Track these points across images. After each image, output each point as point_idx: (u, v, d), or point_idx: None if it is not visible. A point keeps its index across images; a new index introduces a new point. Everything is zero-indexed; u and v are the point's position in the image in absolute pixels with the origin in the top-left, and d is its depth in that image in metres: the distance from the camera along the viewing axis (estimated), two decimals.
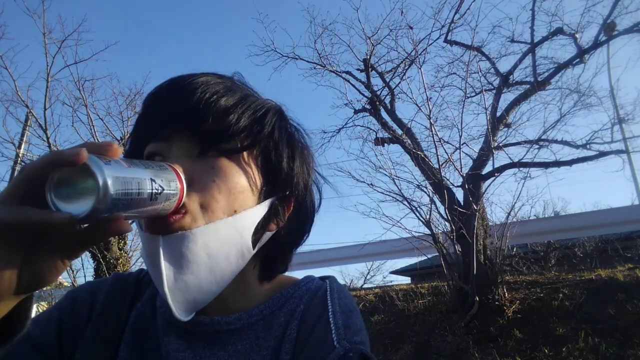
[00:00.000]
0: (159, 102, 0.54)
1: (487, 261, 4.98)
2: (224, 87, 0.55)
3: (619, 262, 6.08)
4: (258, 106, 0.56)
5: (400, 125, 6.40)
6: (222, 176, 0.51)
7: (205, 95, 0.51)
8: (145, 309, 0.60)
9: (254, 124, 0.54)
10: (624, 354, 3.71)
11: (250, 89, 0.60)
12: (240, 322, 0.55)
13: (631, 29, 5.33)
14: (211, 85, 0.53)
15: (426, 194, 5.65)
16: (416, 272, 11.29)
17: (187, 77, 0.54)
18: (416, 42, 6.34)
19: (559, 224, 6.49)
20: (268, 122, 0.56)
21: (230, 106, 0.53)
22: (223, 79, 0.57)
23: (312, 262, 7.90)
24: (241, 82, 0.60)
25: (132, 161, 0.40)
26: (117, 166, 0.36)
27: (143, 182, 0.39)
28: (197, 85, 0.53)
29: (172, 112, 0.52)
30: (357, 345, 0.50)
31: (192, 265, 0.48)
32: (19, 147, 7.34)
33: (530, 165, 5.48)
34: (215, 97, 0.52)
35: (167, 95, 0.54)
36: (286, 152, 0.58)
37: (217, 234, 0.50)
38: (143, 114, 0.56)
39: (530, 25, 6.13)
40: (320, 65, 7.02)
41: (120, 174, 0.36)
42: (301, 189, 0.60)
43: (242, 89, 0.58)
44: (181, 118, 0.51)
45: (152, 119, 0.54)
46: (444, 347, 4.59)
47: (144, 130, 0.55)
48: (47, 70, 6.54)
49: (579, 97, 6.27)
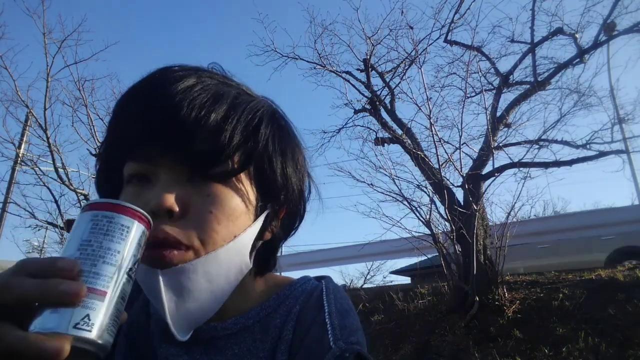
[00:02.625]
0: (137, 115, 0.49)
1: (487, 261, 4.98)
2: (211, 93, 0.50)
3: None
4: (250, 114, 0.52)
5: (400, 125, 6.40)
6: (219, 205, 0.49)
7: (193, 110, 0.47)
8: (139, 316, 0.60)
9: (248, 139, 0.51)
10: (624, 354, 3.70)
11: (234, 82, 0.57)
12: (236, 326, 0.55)
13: (631, 29, 5.33)
14: (197, 93, 0.49)
15: (426, 194, 5.66)
16: (416, 272, 11.28)
17: (168, 82, 0.49)
18: (416, 42, 6.35)
19: (559, 224, 6.50)
20: (262, 134, 0.52)
21: (221, 120, 0.48)
22: (207, 78, 0.52)
23: (312, 262, 7.91)
24: (224, 75, 0.57)
25: (99, 271, 0.35)
26: (97, 313, 0.33)
27: (125, 287, 0.36)
28: (182, 95, 0.48)
29: (156, 129, 0.47)
30: (354, 346, 0.50)
31: (193, 293, 0.48)
32: (19, 147, 7.33)
33: (530, 165, 5.47)
34: (204, 112, 0.47)
35: (147, 106, 0.48)
36: (280, 160, 0.55)
37: (217, 260, 0.49)
38: (118, 127, 0.51)
39: (530, 25, 6.14)
40: (320, 65, 7.02)
41: (106, 319, 0.34)
42: (295, 195, 0.59)
43: (228, 90, 0.53)
44: (168, 138, 0.47)
45: (131, 134, 0.49)
46: (444, 347, 4.59)
47: (120, 147, 0.50)
48: (47, 70, 6.52)
49: (579, 97, 6.27)
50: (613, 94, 5.92)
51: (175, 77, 0.50)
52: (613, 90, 5.98)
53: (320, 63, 7.00)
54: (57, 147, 6.59)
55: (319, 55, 6.98)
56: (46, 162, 6.88)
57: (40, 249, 11.07)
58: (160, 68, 0.53)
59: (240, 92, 0.55)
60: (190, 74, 0.51)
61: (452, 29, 6.51)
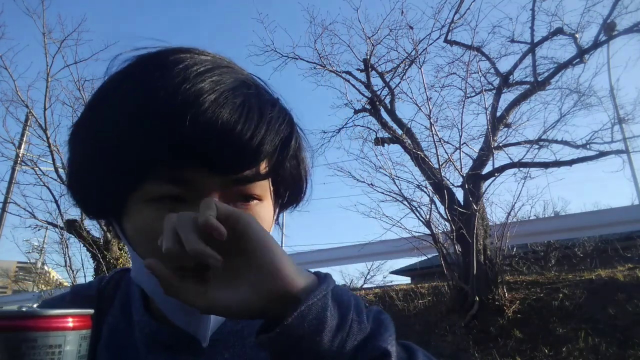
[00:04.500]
0: (173, 128, 0.42)
1: (487, 261, 4.98)
2: (247, 104, 0.46)
3: (619, 262, 6.07)
4: (281, 131, 0.48)
5: (400, 125, 6.41)
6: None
7: (244, 134, 0.43)
8: (118, 324, 0.58)
9: (281, 158, 0.49)
10: (624, 354, 3.70)
11: (249, 79, 0.52)
12: (225, 331, 0.54)
13: (631, 29, 5.33)
14: (238, 109, 0.44)
15: (426, 194, 5.66)
16: (416, 272, 11.29)
17: (203, 85, 0.44)
18: (416, 42, 6.36)
19: (559, 224, 6.50)
20: (292, 146, 0.50)
21: (264, 141, 0.45)
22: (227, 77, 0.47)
23: (312, 262, 7.91)
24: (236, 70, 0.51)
25: None
26: None
27: None
28: (227, 113, 0.43)
29: (199, 151, 0.43)
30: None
31: None
32: (19, 147, 7.34)
33: (530, 165, 5.48)
34: (255, 136, 0.44)
35: (185, 122, 0.42)
36: (295, 166, 0.55)
37: None
38: (147, 135, 0.43)
39: (530, 25, 6.14)
40: (320, 65, 7.03)
41: None
42: (302, 194, 0.61)
43: (259, 97, 0.49)
44: (213, 163, 0.44)
45: (166, 151, 0.42)
46: (444, 347, 4.59)
47: (145, 159, 0.43)
48: (47, 70, 6.54)
49: (579, 97, 6.28)
50: (613, 94, 5.93)
51: (205, 71, 0.46)
52: (613, 90, 5.99)
53: (320, 63, 7.02)
54: (57, 147, 6.60)
55: (319, 55, 7.01)
56: (46, 162, 6.90)
57: (40, 249, 11.08)
58: (173, 52, 0.48)
59: (263, 93, 0.51)
60: (213, 68, 0.47)
61: (452, 29, 6.52)
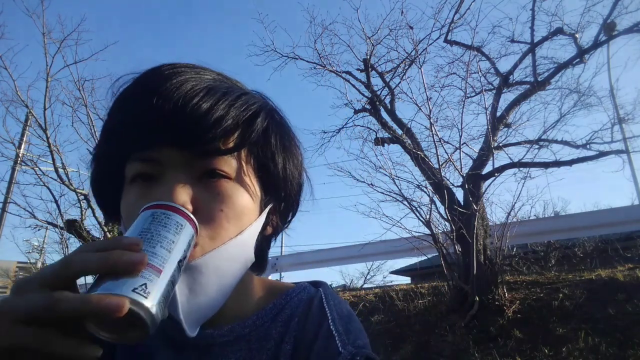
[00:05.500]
0: (138, 113, 0.48)
1: (487, 261, 4.97)
2: (208, 86, 0.50)
3: (619, 262, 6.07)
4: (247, 110, 0.52)
5: (400, 125, 6.40)
6: (229, 202, 0.50)
7: (201, 108, 0.47)
8: None
9: (246, 135, 0.51)
10: (624, 354, 3.70)
11: (230, 78, 0.58)
12: (232, 334, 0.55)
13: (631, 29, 5.32)
14: (195, 85, 0.49)
15: (426, 194, 5.65)
16: (416, 272, 11.30)
17: (166, 77, 0.49)
18: (416, 42, 6.34)
19: (559, 224, 6.49)
20: (258, 124, 0.53)
21: (225, 116, 0.49)
22: (203, 73, 0.53)
23: (312, 262, 7.90)
24: (218, 72, 0.57)
25: (156, 252, 0.38)
26: (152, 285, 0.35)
27: (175, 273, 0.39)
28: (185, 88, 0.48)
29: (161, 130, 0.47)
30: (362, 349, 0.51)
31: (204, 288, 0.48)
32: (19, 147, 7.33)
33: (530, 165, 5.47)
34: (212, 110, 0.48)
35: (149, 103, 0.47)
36: (282, 157, 0.57)
37: (226, 254, 0.50)
38: (119, 126, 0.50)
39: (530, 25, 6.13)
40: (320, 65, 7.02)
41: (159, 294, 0.36)
42: (294, 191, 0.61)
43: (225, 84, 0.54)
44: (175, 139, 0.47)
45: (134, 131, 0.48)
46: (444, 347, 4.59)
47: (123, 146, 0.49)
48: (46, 70, 6.51)
49: (579, 97, 6.28)
50: (613, 94, 5.92)
51: (174, 73, 0.50)
52: (613, 90, 5.97)
53: (320, 63, 7.01)
54: (57, 147, 6.58)
55: (319, 55, 6.99)
56: (46, 162, 6.88)
57: (40, 249, 11.07)
58: (152, 67, 0.53)
59: (236, 87, 0.55)
60: (186, 71, 0.52)
61: (452, 29, 6.51)
